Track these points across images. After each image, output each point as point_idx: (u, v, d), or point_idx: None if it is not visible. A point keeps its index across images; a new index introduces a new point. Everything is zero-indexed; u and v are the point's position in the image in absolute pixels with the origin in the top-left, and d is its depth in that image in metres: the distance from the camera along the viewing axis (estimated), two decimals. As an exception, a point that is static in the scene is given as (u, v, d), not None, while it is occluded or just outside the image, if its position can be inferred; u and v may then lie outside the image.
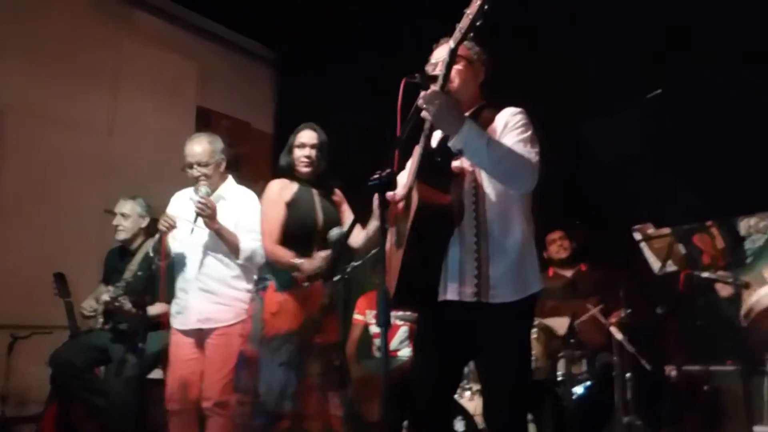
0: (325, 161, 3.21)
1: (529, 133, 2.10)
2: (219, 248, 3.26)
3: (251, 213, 3.31)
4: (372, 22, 5.48)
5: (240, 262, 3.25)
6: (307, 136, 3.20)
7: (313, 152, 3.17)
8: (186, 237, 3.23)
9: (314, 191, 3.20)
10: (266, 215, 3.14)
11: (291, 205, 3.12)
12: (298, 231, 3.09)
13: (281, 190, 3.16)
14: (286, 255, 3.04)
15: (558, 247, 4.41)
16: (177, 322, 3.31)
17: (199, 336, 3.25)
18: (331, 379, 3.06)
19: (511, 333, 2.08)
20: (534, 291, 2.10)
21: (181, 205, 3.41)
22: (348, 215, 3.24)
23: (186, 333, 3.27)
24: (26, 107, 4.75)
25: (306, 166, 3.17)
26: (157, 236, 3.31)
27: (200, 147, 3.31)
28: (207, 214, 3.09)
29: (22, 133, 4.71)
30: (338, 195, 3.28)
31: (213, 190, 3.32)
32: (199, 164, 3.28)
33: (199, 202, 3.10)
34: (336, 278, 3.10)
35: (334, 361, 3.10)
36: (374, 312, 4.20)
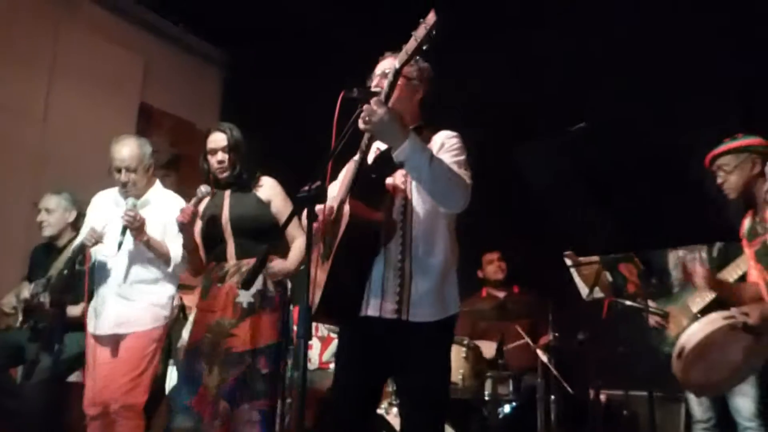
0: (242, 161, 3.06)
1: (463, 156, 2.14)
2: (141, 255, 3.19)
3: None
4: (322, 27, 5.48)
5: (170, 270, 3.20)
6: (215, 140, 3.06)
7: (225, 156, 3.04)
8: (109, 246, 3.14)
9: (227, 191, 3.09)
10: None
11: (203, 214, 3.05)
12: (207, 236, 3.04)
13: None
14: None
15: (496, 267, 4.46)
16: (91, 326, 3.22)
17: (116, 340, 3.17)
18: (246, 390, 2.82)
19: (430, 352, 2.08)
20: (452, 313, 2.13)
21: (103, 207, 3.34)
22: (284, 207, 3.05)
23: (101, 338, 3.19)
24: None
25: (222, 172, 3.05)
26: (78, 242, 3.21)
27: (129, 151, 3.21)
28: (135, 227, 3.02)
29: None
30: (270, 189, 3.09)
31: (140, 195, 3.26)
32: (128, 169, 3.20)
33: (127, 215, 3.02)
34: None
35: (250, 370, 2.82)
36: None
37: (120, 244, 3.06)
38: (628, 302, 3.07)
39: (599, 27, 4.08)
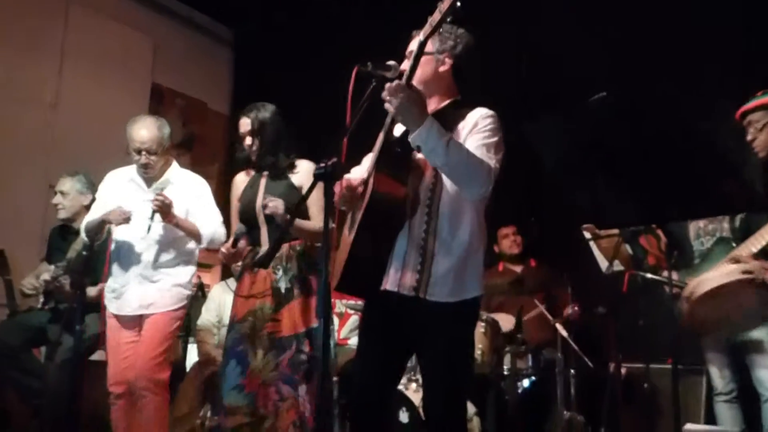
0: (266, 144, 3.04)
1: (495, 138, 2.08)
2: (166, 238, 3.22)
3: (202, 196, 3.33)
4: (333, 4, 5.41)
5: (203, 246, 3.27)
6: (241, 125, 3.07)
7: (249, 139, 3.04)
8: (135, 228, 3.17)
9: (262, 176, 3.12)
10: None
11: (240, 198, 3.13)
12: (243, 221, 3.07)
13: (234, 189, 3.20)
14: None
15: (511, 242, 4.44)
16: (114, 307, 3.25)
17: (138, 320, 3.23)
18: (300, 373, 2.86)
19: (449, 333, 2.06)
20: (471, 296, 2.08)
21: (117, 185, 3.34)
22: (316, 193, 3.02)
23: (124, 318, 3.23)
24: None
25: (252, 157, 3.09)
26: (96, 219, 3.21)
27: (148, 133, 3.19)
28: (165, 211, 3.05)
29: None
30: (304, 174, 3.04)
31: (158, 176, 3.28)
32: (149, 151, 3.19)
33: (157, 199, 3.03)
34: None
35: (296, 354, 2.88)
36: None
37: (149, 228, 3.10)
38: (648, 275, 3.03)
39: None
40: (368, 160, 2.21)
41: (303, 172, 3.05)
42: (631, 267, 3.23)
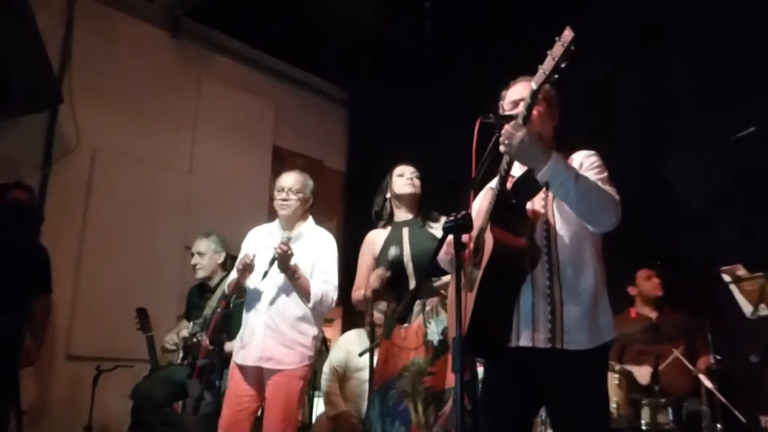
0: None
1: (605, 173, 2.08)
2: (291, 289, 3.25)
3: (328, 255, 3.34)
4: (441, 60, 5.52)
5: (310, 306, 3.23)
6: (408, 169, 3.24)
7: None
8: (259, 277, 3.24)
9: (405, 227, 3.16)
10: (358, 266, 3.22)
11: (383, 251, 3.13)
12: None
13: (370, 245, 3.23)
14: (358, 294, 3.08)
15: (655, 285, 4.12)
16: (239, 357, 3.26)
17: (259, 374, 3.21)
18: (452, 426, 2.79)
19: (587, 381, 1.99)
20: (608, 339, 2.02)
21: (256, 239, 3.45)
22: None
23: (245, 369, 3.23)
24: (113, 148, 5.03)
25: (411, 188, 3.20)
26: (232, 274, 3.37)
27: (293, 177, 3.41)
28: (284, 258, 3.09)
29: (109, 172, 4.97)
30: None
31: (293, 225, 3.36)
32: (290, 190, 3.35)
33: (280, 247, 3.09)
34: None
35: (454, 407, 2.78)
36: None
37: (265, 274, 3.14)
38: (803, 319, 2.78)
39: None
40: (474, 214, 2.20)
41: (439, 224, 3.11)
42: (780, 311, 2.99)
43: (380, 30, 5.49)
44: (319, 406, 4.85)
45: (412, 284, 3.02)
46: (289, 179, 3.39)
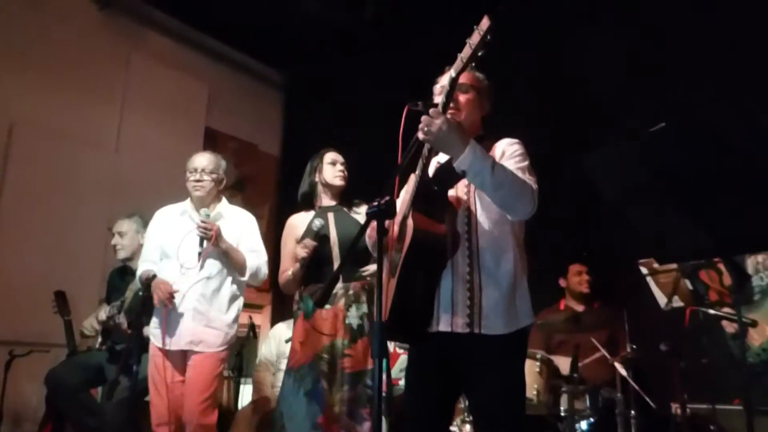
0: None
1: (526, 162, 2.11)
2: (217, 271, 3.24)
3: (251, 232, 3.40)
4: (379, 47, 5.51)
5: (246, 278, 3.29)
6: (335, 155, 3.30)
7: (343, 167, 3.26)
8: (189, 258, 3.20)
9: (330, 211, 3.20)
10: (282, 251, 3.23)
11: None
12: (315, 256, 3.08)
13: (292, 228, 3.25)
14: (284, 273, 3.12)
15: (582, 280, 4.26)
16: (161, 341, 3.17)
17: (184, 357, 3.21)
18: (364, 407, 2.91)
19: (504, 366, 2.03)
20: (525, 324, 2.07)
21: (166, 220, 3.40)
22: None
23: (172, 354, 3.20)
24: (34, 122, 4.78)
25: (342, 180, 3.24)
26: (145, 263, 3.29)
27: (206, 158, 3.39)
28: (209, 236, 3.10)
29: (29, 147, 4.71)
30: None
31: (207, 206, 3.33)
32: (203, 171, 3.31)
33: (199, 227, 3.11)
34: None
35: (363, 388, 2.93)
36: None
37: (199, 255, 3.15)
38: (711, 311, 2.92)
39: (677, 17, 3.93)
40: (400, 201, 2.22)
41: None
42: (691, 302, 3.13)
43: (320, 13, 5.42)
44: (245, 394, 4.81)
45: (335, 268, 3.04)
46: (203, 160, 3.37)
